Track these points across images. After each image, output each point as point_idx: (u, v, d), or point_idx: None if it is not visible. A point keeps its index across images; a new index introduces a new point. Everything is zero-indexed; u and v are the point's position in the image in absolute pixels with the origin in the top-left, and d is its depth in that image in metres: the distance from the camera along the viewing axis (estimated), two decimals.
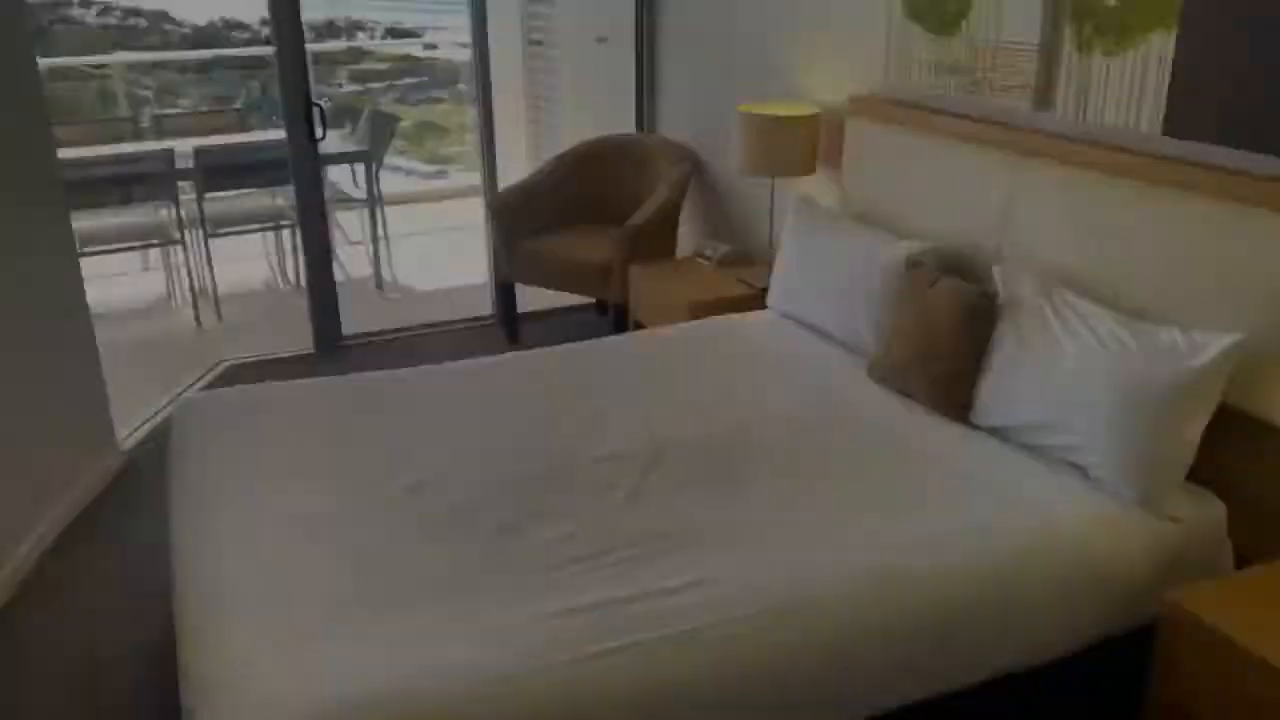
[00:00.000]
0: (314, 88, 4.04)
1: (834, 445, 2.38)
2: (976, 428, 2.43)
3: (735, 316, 3.20)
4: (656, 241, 3.99)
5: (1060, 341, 2.25)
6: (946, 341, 2.47)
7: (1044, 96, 2.59)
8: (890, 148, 3.02)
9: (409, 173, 8.45)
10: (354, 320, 4.46)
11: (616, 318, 4.02)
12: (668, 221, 4.05)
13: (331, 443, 2.38)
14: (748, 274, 3.64)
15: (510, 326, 4.38)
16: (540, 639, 1.69)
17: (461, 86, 8.83)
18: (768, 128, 3.30)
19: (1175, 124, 2.26)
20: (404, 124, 8.79)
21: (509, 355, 2.92)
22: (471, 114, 8.16)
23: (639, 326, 3.81)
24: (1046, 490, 2.15)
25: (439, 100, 9.56)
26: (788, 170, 3.34)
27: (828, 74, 3.40)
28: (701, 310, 3.38)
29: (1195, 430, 2.06)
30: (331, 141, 4.30)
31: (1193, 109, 2.22)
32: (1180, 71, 2.23)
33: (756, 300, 3.42)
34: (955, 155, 2.78)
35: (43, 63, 3.05)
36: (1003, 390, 2.36)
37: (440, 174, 8.73)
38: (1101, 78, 2.41)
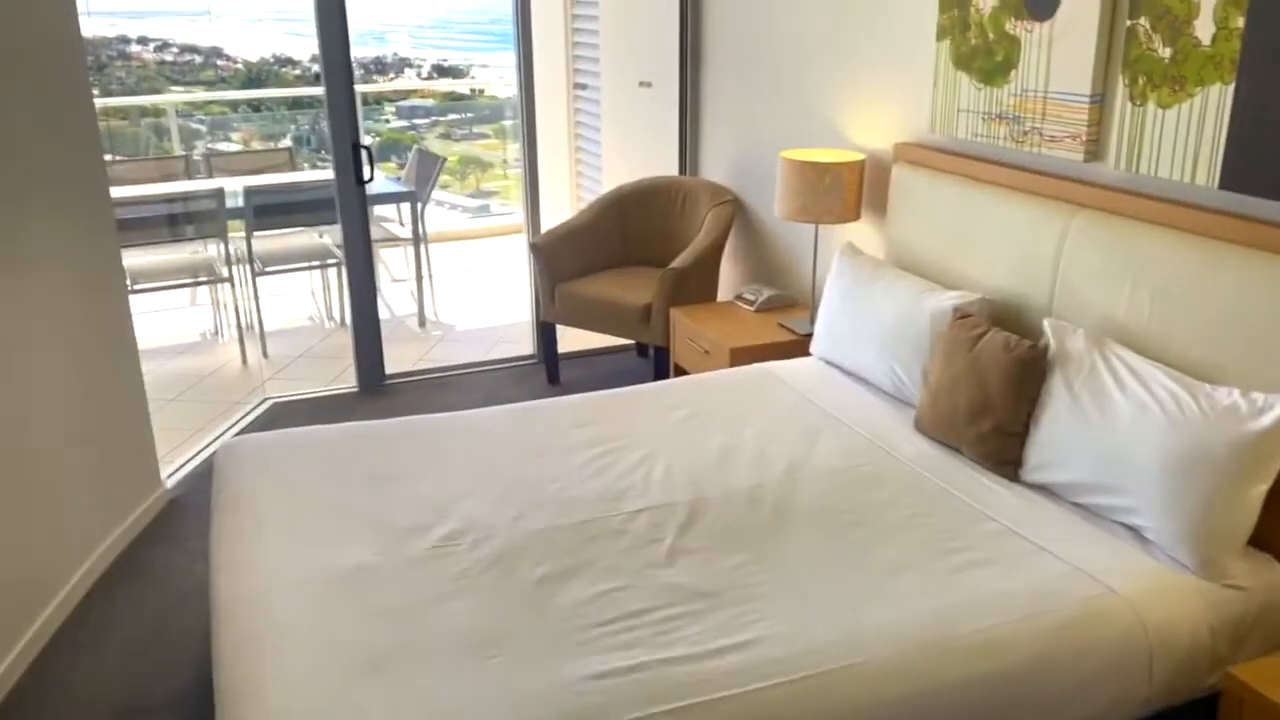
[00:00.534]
0: (361, 123, 4.09)
1: (880, 500, 2.33)
2: (1026, 484, 2.38)
3: (778, 363, 3.17)
4: (698, 284, 3.98)
5: (1113, 398, 2.20)
6: (995, 396, 2.42)
7: (1095, 148, 2.55)
8: (936, 196, 3.00)
9: (452, 206, 8.57)
10: (397, 358, 4.50)
11: (657, 361, 4.00)
12: (709, 264, 4.04)
13: (371, 488, 2.38)
14: (790, 319, 3.61)
15: (551, 367, 4.38)
16: (578, 702, 1.66)
17: (505, 122, 8.96)
18: (810, 174, 3.29)
19: (1232, 177, 2.21)
20: (448, 159, 8.94)
21: (549, 400, 2.91)
22: (514, 148, 8.28)
23: (680, 370, 3.80)
24: (1100, 553, 2.09)
25: (483, 136, 9.71)
26: (830, 217, 3.32)
27: (872, 120, 3.39)
28: (743, 356, 3.36)
29: (1257, 495, 2.00)
30: (378, 179, 4.34)
31: (1250, 162, 2.17)
32: (1237, 124, 2.18)
33: (799, 346, 3.40)
34: (1004, 205, 2.75)
35: (98, 102, 3.11)
36: (1053, 447, 2.30)
37: (483, 208, 8.84)
38: (1156, 130, 2.37)
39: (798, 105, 3.77)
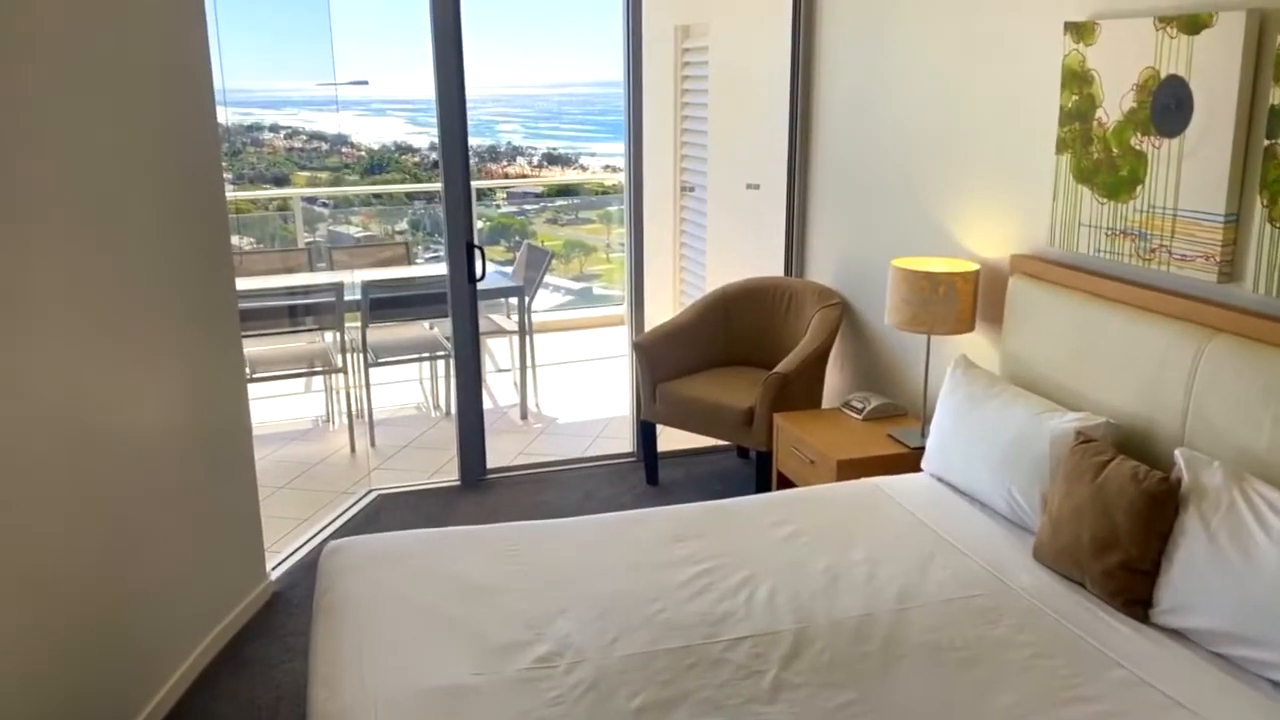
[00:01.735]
0: (474, 207, 4.19)
1: (997, 636, 2.20)
2: (1158, 628, 2.22)
3: (887, 478, 3.07)
4: (803, 389, 3.91)
5: (1256, 540, 2.04)
6: (1123, 530, 2.28)
7: (1231, 269, 2.43)
8: (1056, 312, 2.89)
9: (555, 289, 8.74)
10: (498, 451, 4.54)
11: (759, 466, 3.93)
12: (815, 369, 3.97)
13: (469, 598, 2.36)
14: (900, 430, 3.50)
15: (650, 467, 4.34)
16: None
17: (610, 208, 9.17)
18: (923, 283, 3.22)
19: None
20: (553, 242, 9.16)
21: (649, 511, 2.87)
22: (617, 233, 8.44)
23: (783, 478, 3.72)
24: (1240, 711, 1.92)
25: (588, 220, 9.95)
26: (943, 328, 3.23)
27: (987, 229, 3.31)
28: (851, 469, 3.27)
29: None
30: (487, 268, 4.42)
31: None
32: None
33: (909, 460, 3.29)
34: (1130, 325, 2.63)
35: (229, 194, 3.23)
36: (1187, 590, 2.15)
37: (585, 290, 9.01)
38: None
39: (909, 210, 3.73)
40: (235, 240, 4.02)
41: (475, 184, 4.89)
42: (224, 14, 3.40)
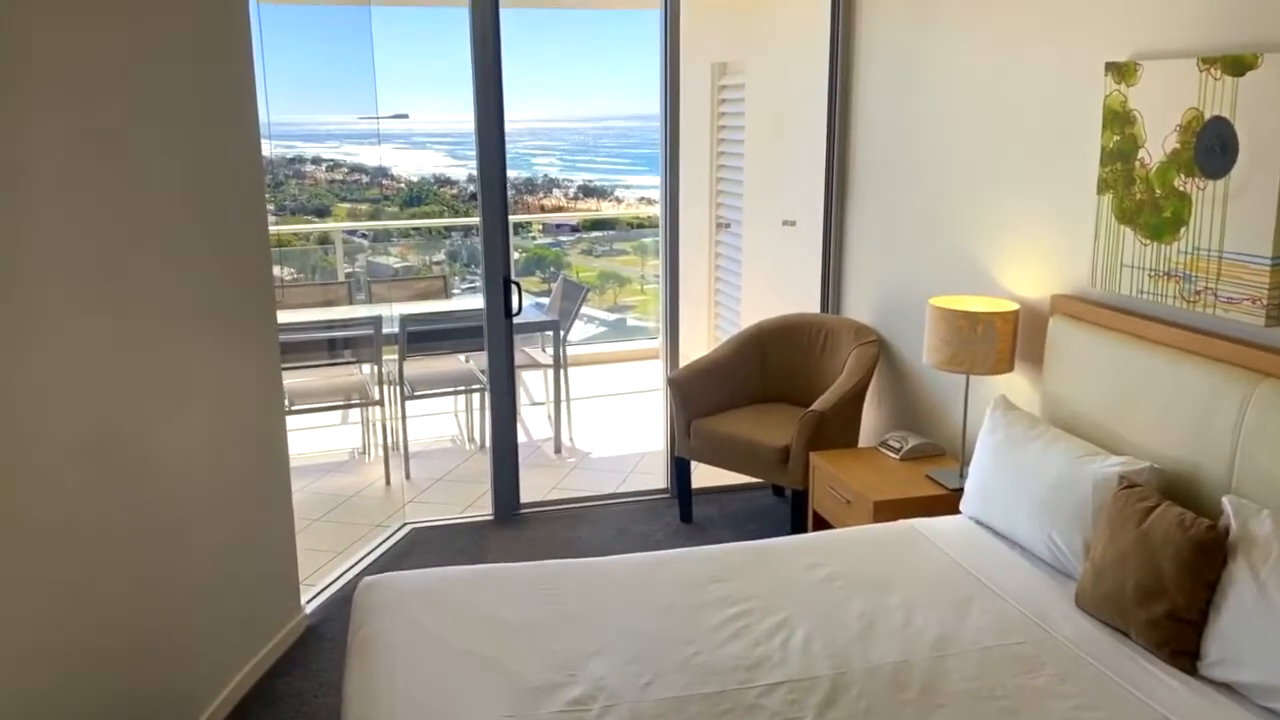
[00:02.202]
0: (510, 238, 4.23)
1: (1038, 686, 2.16)
2: (1205, 680, 2.16)
3: (925, 520, 3.03)
4: (839, 427, 3.88)
5: None
6: (1169, 578, 2.23)
7: (1279, 312, 2.38)
8: (1098, 353, 2.85)
9: (589, 319, 8.78)
10: (532, 485, 4.54)
11: (795, 504, 3.90)
12: (852, 407, 3.94)
13: (503, 638, 2.35)
14: (938, 471, 3.46)
15: (684, 504, 4.32)
16: None
17: (645, 239, 9.22)
18: (962, 323, 3.19)
19: None
20: (587, 274, 9.22)
21: (684, 551, 2.85)
22: (652, 264, 8.46)
23: (818, 517, 3.68)
24: None
25: (622, 252, 10.02)
26: (982, 368, 3.20)
27: (1026, 269, 3.28)
28: (888, 510, 3.23)
29: None
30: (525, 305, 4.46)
31: None
32: None
33: (947, 502, 3.25)
34: (1175, 368, 2.58)
35: (272, 229, 3.25)
36: (1237, 641, 2.09)
37: (619, 322, 9.05)
38: None
39: (947, 248, 3.71)
40: (276, 270, 4.08)
41: (512, 218, 4.95)
42: (270, 49, 3.47)
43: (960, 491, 3.15)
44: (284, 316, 4.05)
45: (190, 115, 2.72)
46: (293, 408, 4.67)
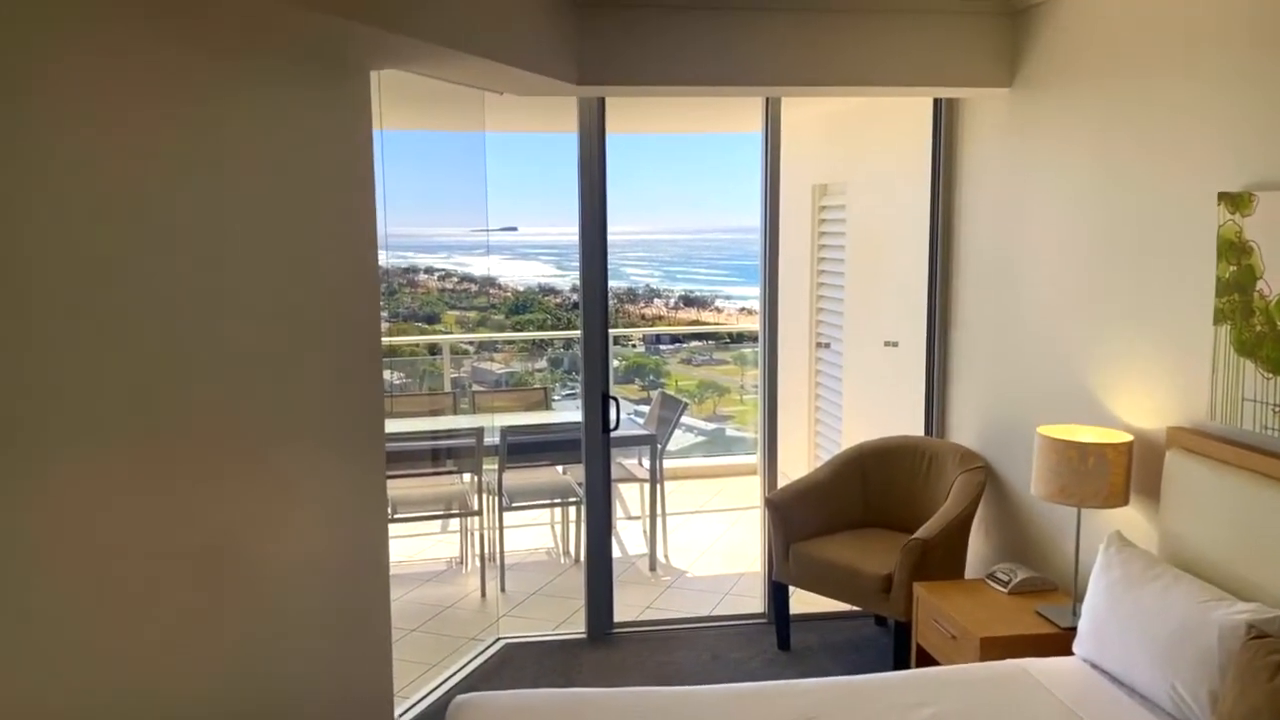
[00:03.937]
0: (610, 347, 4.31)
1: None
2: None
3: (1035, 661, 2.88)
4: (944, 556, 3.76)
5: None
6: None
7: None
8: (1220, 490, 2.71)
9: (687, 428, 8.78)
10: (626, 603, 4.50)
11: (897, 636, 3.76)
12: (957, 536, 3.82)
13: None
14: (1049, 607, 3.30)
15: (781, 631, 4.21)
16: None
17: (744, 350, 9.25)
18: (1072, 454, 3.08)
19: None
20: (686, 382, 9.25)
21: (781, 684, 2.77)
22: (751, 374, 8.45)
23: (922, 650, 3.54)
24: None
25: (722, 361, 10.07)
26: (1095, 501, 3.07)
27: (1140, 399, 3.17)
28: (996, 648, 3.08)
29: None
30: (624, 419, 4.50)
31: None
32: None
33: (1059, 641, 3.09)
34: None
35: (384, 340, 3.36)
36: None
37: (718, 431, 9.03)
38: None
39: (1056, 374, 3.61)
40: (386, 375, 4.22)
41: (613, 331, 5.04)
42: (390, 169, 3.65)
43: (1073, 630, 2.99)
44: (391, 426, 4.18)
45: (315, 239, 2.88)
46: (395, 516, 4.77)
